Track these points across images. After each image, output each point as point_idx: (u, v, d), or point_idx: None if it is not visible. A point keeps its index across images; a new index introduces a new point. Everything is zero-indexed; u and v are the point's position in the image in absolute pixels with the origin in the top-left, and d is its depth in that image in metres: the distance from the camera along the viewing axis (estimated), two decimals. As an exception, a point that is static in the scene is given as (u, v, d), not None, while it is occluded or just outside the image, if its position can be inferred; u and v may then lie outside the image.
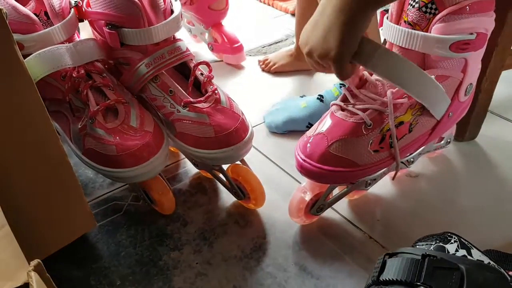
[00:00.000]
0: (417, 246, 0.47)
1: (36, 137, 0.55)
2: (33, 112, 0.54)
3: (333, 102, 0.67)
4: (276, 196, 0.79)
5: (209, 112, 0.69)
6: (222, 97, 0.71)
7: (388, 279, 0.42)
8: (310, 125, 0.73)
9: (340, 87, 0.93)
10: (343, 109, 0.66)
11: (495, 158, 0.87)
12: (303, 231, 0.73)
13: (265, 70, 1.19)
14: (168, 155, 0.71)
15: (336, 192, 0.71)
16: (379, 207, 0.77)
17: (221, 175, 0.75)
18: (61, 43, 0.68)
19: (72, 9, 0.71)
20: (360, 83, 0.67)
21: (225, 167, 0.74)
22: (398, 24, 0.63)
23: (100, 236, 0.73)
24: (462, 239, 0.46)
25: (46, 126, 0.56)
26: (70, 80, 0.69)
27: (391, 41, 0.64)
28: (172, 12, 0.72)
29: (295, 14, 1.09)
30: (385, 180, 0.76)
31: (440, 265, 0.41)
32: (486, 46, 0.64)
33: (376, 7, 0.55)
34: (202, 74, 0.74)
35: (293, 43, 1.18)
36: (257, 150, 0.90)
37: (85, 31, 0.78)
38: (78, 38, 0.74)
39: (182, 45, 0.74)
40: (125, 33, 0.69)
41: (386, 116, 0.63)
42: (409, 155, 0.74)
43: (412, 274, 0.41)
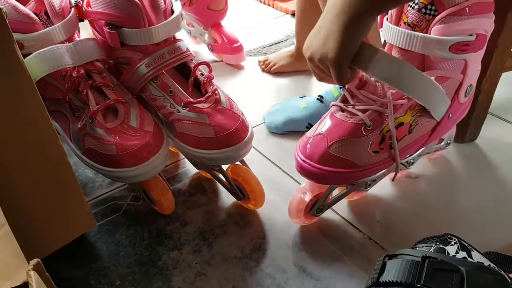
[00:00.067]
0: (417, 248, 0.47)
1: (36, 137, 0.55)
2: (33, 112, 0.54)
3: (333, 103, 0.67)
4: (276, 197, 0.79)
5: (209, 113, 0.69)
6: (222, 98, 0.71)
7: (388, 281, 0.42)
8: (310, 126, 0.73)
9: (340, 88, 0.93)
10: (343, 110, 0.66)
11: (495, 160, 0.87)
12: (303, 232, 0.73)
13: (265, 71, 1.19)
14: (168, 155, 0.71)
15: (336, 193, 0.71)
16: (379, 208, 0.77)
17: (221, 176, 0.75)
18: (61, 43, 0.68)
19: (72, 9, 0.71)
20: (360, 84, 0.67)
21: (225, 168, 0.74)
22: (398, 25, 0.63)
23: (100, 236, 0.73)
24: (462, 241, 0.46)
25: (46, 126, 0.56)
26: (70, 80, 0.69)
27: (391, 42, 0.64)
28: (173, 12, 0.72)
29: (295, 15, 1.09)
30: (385, 181, 0.75)
31: (440, 267, 0.41)
32: (486, 48, 0.64)
33: (376, 14, 0.55)
34: (202, 75, 0.74)
35: (293, 44, 1.18)
36: (257, 151, 0.90)
37: (85, 31, 0.78)
38: (78, 38, 0.74)
39: (182, 45, 0.74)
40: (125, 33, 0.69)
41: (386, 117, 0.63)
42: (409, 156, 0.74)
43: (412, 276, 0.41)
